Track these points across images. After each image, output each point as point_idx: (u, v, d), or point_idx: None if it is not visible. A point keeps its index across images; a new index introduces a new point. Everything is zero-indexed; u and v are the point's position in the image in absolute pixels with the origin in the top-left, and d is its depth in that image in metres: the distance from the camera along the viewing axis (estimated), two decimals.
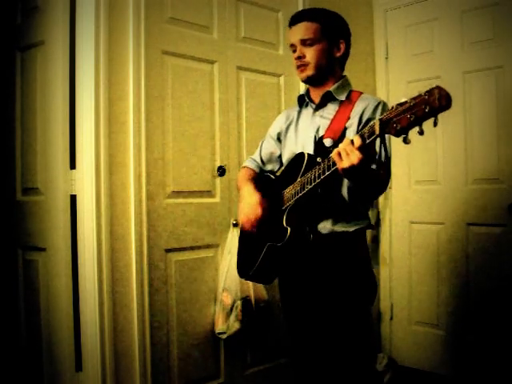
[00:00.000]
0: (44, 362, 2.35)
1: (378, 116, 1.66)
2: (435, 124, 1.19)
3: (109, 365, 2.14)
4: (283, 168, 1.93)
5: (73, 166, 2.24)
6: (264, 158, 2.02)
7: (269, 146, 2.00)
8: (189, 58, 2.45)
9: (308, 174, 1.63)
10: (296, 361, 1.90)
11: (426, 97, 1.18)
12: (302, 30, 1.76)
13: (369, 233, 2.52)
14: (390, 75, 3.28)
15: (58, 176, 2.26)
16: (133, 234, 2.22)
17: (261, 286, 2.48)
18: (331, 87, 1.79)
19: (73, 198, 2.23)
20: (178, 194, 2.40)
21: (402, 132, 1.26)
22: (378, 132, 1.33)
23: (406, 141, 1.27)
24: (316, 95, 1.84)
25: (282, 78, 2.85)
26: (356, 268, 1.73)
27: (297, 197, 1.68)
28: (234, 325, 2.39)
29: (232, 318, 2.39)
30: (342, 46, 1.82)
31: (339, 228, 1.72)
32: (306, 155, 1.72)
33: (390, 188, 3.28)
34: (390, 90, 3.27)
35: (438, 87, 1.18)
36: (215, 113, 2.54)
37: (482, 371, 2.84)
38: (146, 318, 2.25)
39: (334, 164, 1.48)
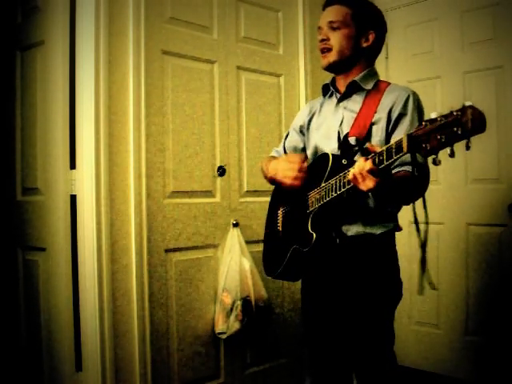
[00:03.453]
0: (44, 362, 2.35)
1: (409, 111, 1.61)
2: (468, 147, 1.08)
3: (109, 365, 2.14)
4: (308, 166, 1.80)
5: (73, 166, 2.24)
6: (288, 151, 1.95)
7: (292, 140, 1.94)
8: (189, 58, 2.45)
9: (332, 181, 1.55)
10: (314, 360, 1.86)
11: (459, 116, 1.08)
12: (331, 13, 1.70)
13: None
14: (390, 75, 3.28)
15: (58, 176, 2.26)
16: (133, 234, 2.22)
17: (261, 286, 2.48)
18: (356, 76, 1.71)
19: (73, 198, 2.23)
20: (178, 193, 2.40)
21: (432, 153, 1.16)
22: (406, 150, 1.23)
23: (435, 162, 1.16)
24: (342, 84, 1.75)
25: (282, 78, 2.85)
26: (382, 270, 1.67)
27: (321, 203, 1.60)
28: (234, 325, 2.39)
29: (232, 318, 2.39)
30: (371, 37, 1.71)
31: (365, 230, 1.65)
32: (331, 157, 1.63)
33: None
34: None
35: (471, 107, 1.07)
36: (215, 113, 2.54)
37: (482, 371, 2.84)
38: (145, 318, 2.25)
39: (348, 184, 1.46)
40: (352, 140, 1.62)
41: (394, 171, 1.55)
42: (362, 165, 1.35)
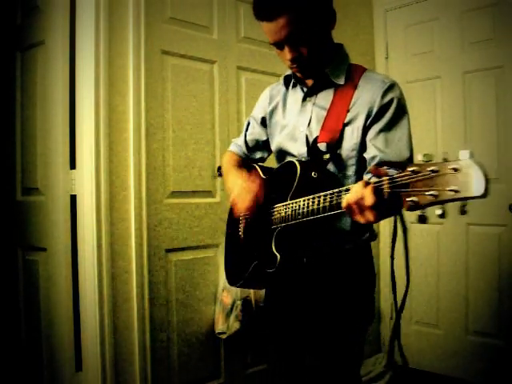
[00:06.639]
0: (44, 362, 2.35)
1: (392, 105, 1.38)
2: (463, 212, 0.91)
3: (109, 365, 2.14)
4: (273, 171, 1.62)
5: (73, 166, 2.24)
6: (250, 145, 1.73)
7: (254, 132, 1.71)
8: (189, 58, 2.44)
9: (300, 202, 1.34)
10: (275, 370, 1.69)
11: (454, 173, 0.87)
12: (285, 26, 1.33)
13: None
14: (390, 75, 3.28)
15: (58, 176, 2.26)
16: (133, 234, 2.22)
17: None
18: (327, 67, 1.45)
19: (73, 198, 2.23)
20: (178, 193, 2.40)
21: (415, 209, 0.96)
22: (386, 195, 1.02)
23: (423, 220, 0.96)
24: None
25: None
26: (354, 287, 1.48)
27: (286, 223, 1.40)
28: (234, 325, 2.39)
29: (232, 318, 2.39)
30: (334, 17, 1.43)
31: (337, 246, 1.46)
32: (299, 169, 1.40)
33: None
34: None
35: (474, 164, 0.85)
36: (215, 113, 2.54)
37: (482, 371, 2.83)
38: (146, 318, 2.25)
39: (339, 206, 1.18)
40: (322, 146, 1.40)
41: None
42: (360, 193, 1.08)
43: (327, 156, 1.41)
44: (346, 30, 3.19)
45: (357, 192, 1.09)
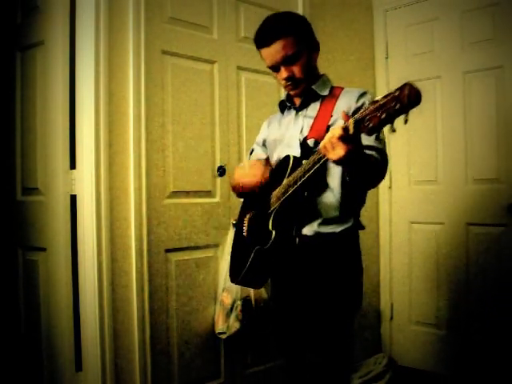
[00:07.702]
0: (44, 362, 2.35)
1: (366, 104, 1.56)
2: (405, 121, 1.16)
3: (109, 365, 2.14)
4: (271, 170, 1.86)
5: (73, 166, 2.24)
6: None
7: (256, 154, 1.98)
8: (189, 57, 2.45)
9: (290, 178, 1.60)
10: (285, 360, 1.90)
11: (397, 94, 1.15)
12: (280, 50, 1.66)
13: None
14: (390, 75, 3.29)
15: (58, 176, 2.26)
16: (133, 234, 2.22)
17: None
18: (313, 85, 1.76)
19: (73, 198, 2.23)
20: (177, 194, 2.40)
21: (374, 130, 1.24)
22: (352, 131, 1.28)
23: (378, 138, 1.39)
24: (298, 98, 1.80)
25: None
26: (342, 271, 1.67)
27: (281, 199, 1.64)
28: (234, 325, 2.39)
29: (232, 317, 2.39)
30: (318, 46, 1.77)
31: (325, 229, 1.67)
32: (292, 158, 1.68)
33: (390, 188, 3.28)
34: (391, 89, 3.26)
35: (408, 84, 1.14)
36: (215, 113, 2.54)
37: (481, 371, 2.84)
38: (145, 318, 2.25)
39: (320, 159, 1.44)
40: (311, 142, 1.67)
41: None
42: (332, 132, 1.34)
43: (315, 150, 1.59)
44: (347, 30, 3.20)
45: (329, 133, 1.35)
